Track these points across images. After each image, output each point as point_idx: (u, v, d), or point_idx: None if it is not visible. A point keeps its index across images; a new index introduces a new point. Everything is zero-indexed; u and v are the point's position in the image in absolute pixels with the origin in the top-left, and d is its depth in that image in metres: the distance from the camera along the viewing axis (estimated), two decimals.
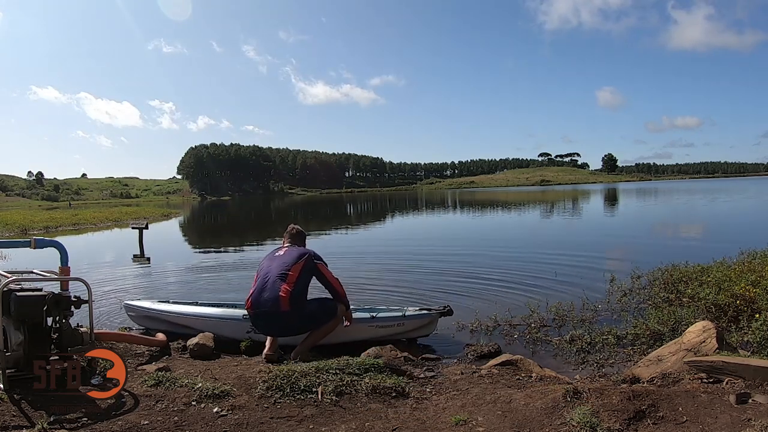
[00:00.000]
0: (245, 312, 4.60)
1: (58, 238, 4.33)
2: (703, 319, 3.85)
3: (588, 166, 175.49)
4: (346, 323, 4.25)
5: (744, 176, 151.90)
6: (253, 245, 14.58)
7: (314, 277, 4.15)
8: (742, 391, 2.56)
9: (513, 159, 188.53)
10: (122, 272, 9.84)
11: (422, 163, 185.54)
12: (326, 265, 4.21)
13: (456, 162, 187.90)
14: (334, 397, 2.78)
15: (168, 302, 5.21)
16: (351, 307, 4.37)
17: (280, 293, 3.93)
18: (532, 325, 5.05)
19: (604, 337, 4.46)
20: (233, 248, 14.09)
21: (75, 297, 3.07)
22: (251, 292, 4.09)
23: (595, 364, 3.96)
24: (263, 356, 3.90)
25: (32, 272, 3.46)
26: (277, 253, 4.30)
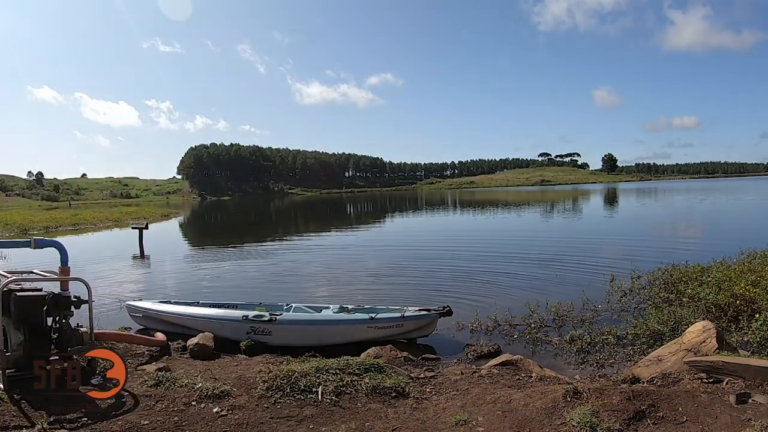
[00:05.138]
0: (245, 313, 4.60)
1: (58, 238, 4.32)
2: (703, 319, 3.85)
3: (588, 166, 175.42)
4: None
5: (744, 176, 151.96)
6: (253, 245, 14.56)
7: None
8: (742, 391, 2.56)
9: (513, 159, 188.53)
10: (122, 272, 9.85)
11: (422, 163, 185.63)
12: None
13: (456, 162, 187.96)
14: (333, 397, 2.77)
15: (169, 302, 5.22)
16: (350, 306, 4.32)
17: None
18: (532, 325, 5.06)
19: (604, 337, 4.46)
20: (233, 248, 14.07)
21: (75, 297, 3.07)
22: None
23: (595, 364, 3.97)
24: None
25: (32, 272, 3.46)
26: None
